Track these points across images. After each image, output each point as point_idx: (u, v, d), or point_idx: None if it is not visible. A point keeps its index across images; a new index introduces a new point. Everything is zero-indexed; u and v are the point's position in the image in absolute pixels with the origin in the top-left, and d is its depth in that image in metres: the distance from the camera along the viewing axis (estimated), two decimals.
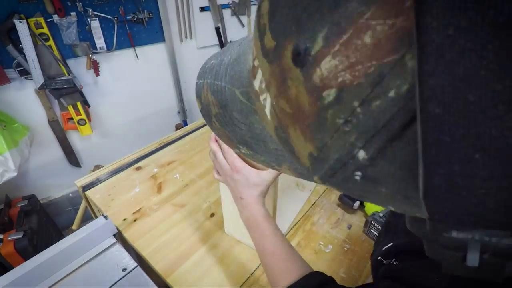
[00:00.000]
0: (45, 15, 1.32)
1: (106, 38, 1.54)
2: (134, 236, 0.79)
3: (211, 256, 0.74)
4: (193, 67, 2.02)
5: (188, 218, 0.85)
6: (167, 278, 0.69)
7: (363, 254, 0.77)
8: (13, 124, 1.39)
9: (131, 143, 1.92)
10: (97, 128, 1.75)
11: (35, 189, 1.63)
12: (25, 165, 1.56)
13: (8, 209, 1.40)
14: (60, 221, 1.72)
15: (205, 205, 0.89)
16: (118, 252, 0.73)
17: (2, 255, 1.20)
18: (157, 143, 1.16)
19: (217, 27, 1.98)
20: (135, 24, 1.61)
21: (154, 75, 1.86)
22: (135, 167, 1.04)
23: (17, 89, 1.40)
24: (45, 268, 0.65)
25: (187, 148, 1.14)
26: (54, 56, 1.38)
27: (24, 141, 1.40)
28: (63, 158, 1.69)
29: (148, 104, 1.93)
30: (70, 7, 1.38)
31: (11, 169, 1.27)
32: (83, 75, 1.56)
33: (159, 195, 0.93)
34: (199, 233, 0.80)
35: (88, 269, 0.69)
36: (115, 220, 0.82)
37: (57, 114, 1.55)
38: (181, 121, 2.12)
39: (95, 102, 1.66)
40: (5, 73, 1.32)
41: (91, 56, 1.52)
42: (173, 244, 0.77)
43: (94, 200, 0.91)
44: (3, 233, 1.26)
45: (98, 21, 1.47)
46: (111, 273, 0.68)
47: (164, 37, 1.75)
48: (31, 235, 1.28)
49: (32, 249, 1.25)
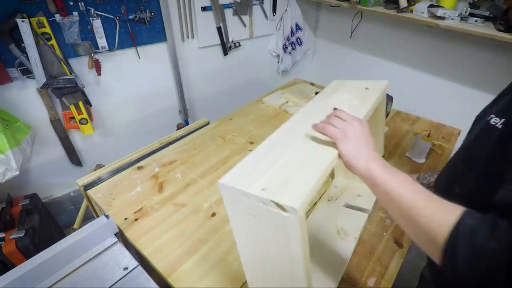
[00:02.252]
0: (47, 14, 1.32)
1: (108, 37, 1.54)
2: (135, 235, 0.79)
3: (212, 255, 0.75)
4: (194, 66, 2.02)
5: (189, 218, 0.85)
6: (168, 277, 0.69)
7: (363, 254, 0.77)
8: (15, 123, 1.40)
9: (132, 142, 1.93)
10: (98, 128, 1.75)
11: (37, 188, 1.63)
12: (27, 164, 1.56)
13: (10, 208, 1.41)
14: (62, 220, 1.73)
15: (206, 204, 0.89)
16: (119, 251, 0.73)
17: (4, 254, 1.21)
18: (159, 142, 1.16)
19: (218, 26, 1.98)
20: (137, 23, 1.61)
21: (156, 74, 1.86)
22: (136, 167, 1.04)
23: (19, 88, 1.40)
24: (47, 267, 0.65)
25: (189, 147, 1.14)
26: (56, 55, 1.38)
27: (26, 140, 1.41)
28: (64, 157, 1.70)
29: (150, 104, 1.93)
30: (72, 7, 1.38)
31: (13, 168, 1.27)
32: (85, 74, 1.56)
33: (160, 194, 0.93)
34: (200, 232, 0.81)
35: (89, 268, 0.70)
36: (116, 219, 0.82)
37: (59, 113, 1.56)
38: (182, 120, 2.12)
39: (96, 101, 1.67)
40: (7, 72, 1.32)
41: (93, 55, 1.52)
42: (174, 244, 0.77)
43: (96, 199, 0.91)
44: (5, 231, 1.27)
45: (100, 20, 1.47)
46: (112, 272, 0.68)
47: (165, 36, 1.75)
48: (33, 234, 1.28)
49: (34, 247, 1.26)
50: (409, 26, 1.95)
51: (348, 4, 1.94)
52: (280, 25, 2.34)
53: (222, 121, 1.32)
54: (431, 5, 1.58)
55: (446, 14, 1.50)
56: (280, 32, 2.36)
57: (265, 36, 2.34)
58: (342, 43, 2.46)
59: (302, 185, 0.45)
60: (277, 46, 2.42)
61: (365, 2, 1.83)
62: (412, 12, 1.66)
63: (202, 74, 2.10)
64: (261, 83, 2.55)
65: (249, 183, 0.46)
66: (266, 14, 2.21)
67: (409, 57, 2.06)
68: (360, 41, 2.33)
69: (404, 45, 2.05)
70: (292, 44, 2.46)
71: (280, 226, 0.44)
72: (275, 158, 0.53)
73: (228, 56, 2.17)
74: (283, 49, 2.43)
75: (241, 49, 2.22)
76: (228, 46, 2.11)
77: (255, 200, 0.44)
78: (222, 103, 2.31)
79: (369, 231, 0.83)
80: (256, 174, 0.49)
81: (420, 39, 1.94)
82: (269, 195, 0.43)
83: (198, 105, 2.20)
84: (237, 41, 2.15)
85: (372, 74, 2.34)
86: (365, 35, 2.27)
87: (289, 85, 1.65)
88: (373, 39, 2.23)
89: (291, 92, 1.51)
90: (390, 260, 0.76)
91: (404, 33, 2.01)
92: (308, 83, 1.70)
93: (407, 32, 1.99)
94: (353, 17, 2.23)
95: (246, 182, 0.46)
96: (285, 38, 2.39)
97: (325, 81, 2.01)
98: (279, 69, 2.56)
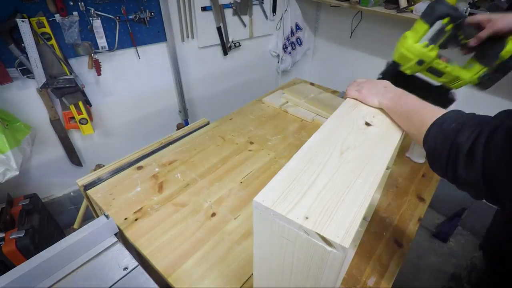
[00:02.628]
0: (47, 14, 1.32)
1: (108, 37, 1.54)
2: (135, 235, 0.79)
3: (212, 255, 0.75)
4: (194, 66, 2.02)
5: (189, 218, 0.85)
6: (168, 277, 0.69)
7: (363, 253, 0.77)
8: (15, 123, 1.40)
9: (132, 142, 1.93)
10: (98, 128, 1.75)
11: (37, 188, 1.64)
12: (27, 164, 1.56)
13: (10, 208, 1.41)
14: (62, 220, 1.73)
15: (206, 204, 0.89)
16: (119, 251, 0.73)
17: (4, 254, 1.21)
18: (158, 142, 1.16)
19: (218, 26, 1.98)
20: (137, 23, 1.61)
21: (156, 74, 1.86)
22: (136, 167, 1.04)
23: (19, 88, 1.40)
24: (47, 267, 0.65)
25: (188, 147, 1.14)
26: (56, 55, 1.38)
27: (26, 140, 1.41)
28: (64, 157, 1.70)
29: (150, 104, 1.93)
30: (72, 7, 1.38)
31: (13, 168, 1.27)
32: (85, 74, 1.56)
33: (160, 194, 0.93)
34: (200, 232, 0.81)
35: (89, 268, 0.69)
36: (116, 219, 0.82)
37: (59, 113, 1.56)
38: (182, 120, 2.13)
39: (96, 101, 1.67)
40: (7, 72, 1.33)
41: (93, 55, 1.52)
42: (174, 244, 0.77)
43: (96, 199, 0.91)
44: (5, 231, 1.27)
45: (100, 20, 1.47)
46: (112, 272, 0.68)
47: (165, 36, 1.75)
48: (33, 234, 1.28)
49: (34, 247, 1.26)
50: (409, 26, 1.93)
51: (348, 4, 1.94)
52: (280, 25, 2.34)
53: (222, 121, 1.32)
54: None
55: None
56: (280, 32, 2.36)
57: (265, 36, 2.34)
58: (342, 43, 2.46)
59: (350, 219, 0.41)
60: (277, 46, 2.42)
61: (365, 2, 1.83)
62: (412, 12, 1.66)
63: (202, 74, 2.10)
64: (261, 83, 2.55)
65: (289, 206, 0.42)
66: (266, 14, 2.21)
67: None
68: (360, 41, 2.33)
69: None
70: (292, 44, 2.46)
71: (318, 257, 0.41)
72: (313, 176, 0.49)
73: (228, 56, 2.17)
74: (283, 49, 2.43)
75: (241, 49, 2.22)
76: (228, 46, 2.12)
77: (295, 227, 0.41)
78: (222, 103, 2.31)
79: (369, 231, 0.83)
80: (295, 195, 0.45)
81: None
82: (314, 226, 0.39)
83: (198, 105, 2.20)
84: (237, 41, 2.15)
85: (372, 74, 2.33)
86: (365, 35, 2.27)
87: (289, 85, 1.65)
88: (373, 39, 2.23)
89: (291, 92, 1.51)
90: (390, 260, 0.76)
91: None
92: (308, 83, 1.70)
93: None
94: (353, 17, 2.23)
95: (285, 205, 0.43)
96: (285, 38, 2.39)
97: (325, 81, 2.01)
98: (279, 69, 2.56)
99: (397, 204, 0.93)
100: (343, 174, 0.49)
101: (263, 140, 1.20)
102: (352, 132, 0.60)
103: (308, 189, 0.46)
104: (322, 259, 0.41)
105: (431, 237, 1.92)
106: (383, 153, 0.55)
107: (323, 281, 0.44)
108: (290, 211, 0.41)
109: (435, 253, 1.83)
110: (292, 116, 1.38)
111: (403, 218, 0.89)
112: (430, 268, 1.73)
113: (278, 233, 0.44)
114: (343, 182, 0.48)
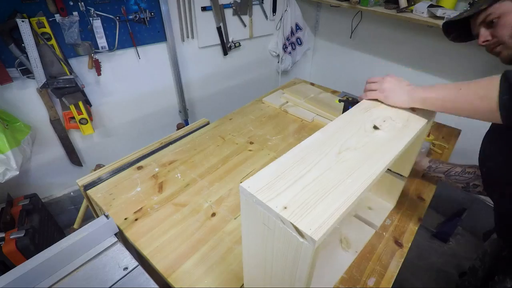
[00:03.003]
0: (47, 14, 1.32)
1: (108, 37, 1.54)
2: (135, 235, 0.79)
3: (212, 255, 0.75)
4: (194, 66, 2.02)
5: (189, 218, 0.85)
6: (168, 277, 0.69)
7: (363, 254, 0.77)
8: (15, 123, 1.40)
9: (132, 142, 1.93)
10: (98, 128, 1.75)
11: (37, 188, 1.63)
12: (27, 164, 1.56)
13: (10, 208, 1.41)
14: (62, 220, 1.73)
15: (206, 204, 0.89)
16: (119, 251, 0.73)
17: (4, 254, 1.21)
18: (158, 142, 1.17)
19: (218, 26, 1.98)
20: (136, 23, 1.61)
21: (156, 74, 1.86)
22: (136, 167, 1.04)
23: (19, 88, 1.40)
24: (47, 267, 0.65)
25: (188, 147, 1.14)
26: (56, 55, 1.38)
27: (26, 140, 1.41)
28: (64, 157, 1.70)
29: (150, 104, 1.93)
30: (72, 7, 1.38)
31: (13, 168, 1.27)
32: (85, 74, 1.56)
33: (160, 194, 0.93)
34: (200, 232, 0.81)
35: (89, 268, 0.69)
36: (116, 219, 0.82)
37: (59, 113, 1.56)
38: (182, 120, 2.12)
39: (96, 101, 1.67)
40: (7, 72, 1.32)
41: (93, 55, 1.52)
42: (174, 244, 0.77)
43: (96, 199, 0.91)
44: (5, 231, 1.27)
45: (100, 20, 1.47)
46: (112, 272, 0.68)
47: (165, 36, 1.75)
48: (33, 233, 1.28)
49: (34, 247, 1.26)
50: (409, 26, 1.95)
51: (348, 4, 1.94)
52: (280, 25, 2.34)
53: (222, 121, 1.32)
54: (431, 5, 1.58)
55: (446, 14, 1.50)
56: (280, 32, 2.36)
57: (265, 36, 2.34)
58: (342, 43, 2.46)
59: (327, 214, 0.42)
60: (277, 46, 2.42)
61: (365, 2, 1.83)
62: (412, 12, 1.66)
63: (202, 74, 2.10)
64: (261, 83, 2.55)
65: (272, 195, 0.44)
66: (266, 14, 2.21)
67: (409, 57, 2.06)
68: (360, 41, 2.33)
69: (404, 45, 2.05)
70: (292, 44, 2.46)
71: (292, 247, 0.43)
72: (303, 171, 0.49)
73: (228, 56, 2.17)
74: (283, 49, 2.43)
75: (241, 49, 2.22)
76: (228, 46, 2.12)
77: (273, 215, 0.43)
78: (222, 103, 2.31)
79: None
80: (280, 186, 0.46)
81: (420, 39, 1.94)
82: (290, 216, 0.41)
83: (198, 105, 2.20)
84: (237, 41, 2.15)
85: (372, 74, 2.33)
86: (365, 35, 2.27)
87: (289, 85, 1.65)
88: (373, 39, 2.23)
89: (291, 92, 1.51)
90: (390, 260, 0.76)
91: (404, 33, 2.01)
92: (308, 83, 1.70)
93: (407, 32, 1.99)
94: (353, 17, 2.23)
95: (268, 194, 0.44)
96: (285, 38, 2.39)
97: (325, 81, 2.02)
98: (279, 69, 2.56)
99: (397, 204, 0.93)
100: (335, 173, 0.50)
101: (263, 140, 1.20)
102: (357, 134, 0.59)
103: (294, 182, 0.47)
104: (296, 250, 0.42)
105: (431, 237, 1.92)
106: (383, 157, 0.54)
107: (298, 275, 0.45)
108: (271, 200, 0.43)
109: (435, 253, 1.83)
110: (292, 116, 1.38)
111: (403, 218, 0.89)
112: (430, 268, 1.73)
113: (260, 220, 0.46)
114: (332, 179, 0.49)
